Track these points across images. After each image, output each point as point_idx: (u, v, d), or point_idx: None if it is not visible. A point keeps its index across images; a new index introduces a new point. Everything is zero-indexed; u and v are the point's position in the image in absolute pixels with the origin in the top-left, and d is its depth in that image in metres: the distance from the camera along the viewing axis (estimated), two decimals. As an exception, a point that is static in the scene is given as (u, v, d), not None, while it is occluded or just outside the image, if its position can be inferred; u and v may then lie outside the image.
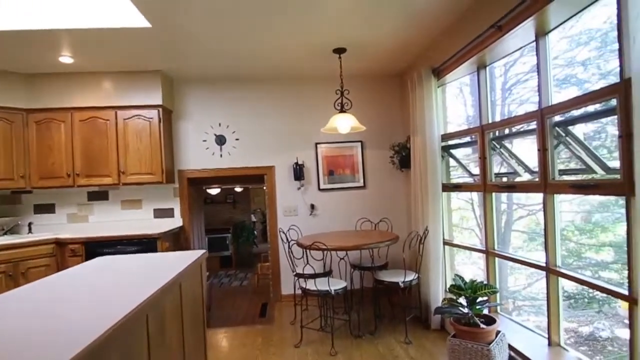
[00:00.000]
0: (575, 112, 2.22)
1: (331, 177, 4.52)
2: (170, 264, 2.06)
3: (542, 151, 2.35)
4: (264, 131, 4.49)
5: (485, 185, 2.95)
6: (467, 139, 3.50)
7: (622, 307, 4.39)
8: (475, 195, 5.10)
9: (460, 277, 2.41)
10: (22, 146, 3.90)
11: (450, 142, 3.57)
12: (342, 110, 3.52)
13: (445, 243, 3.41)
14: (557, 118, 2.30)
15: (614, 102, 1.78)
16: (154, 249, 3.67)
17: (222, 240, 11.25)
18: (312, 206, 4.47)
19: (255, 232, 11.81)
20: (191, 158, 4.41)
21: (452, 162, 3.72)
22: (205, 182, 4.60)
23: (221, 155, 4.44)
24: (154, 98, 4.02)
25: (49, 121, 3.95)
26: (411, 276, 3.18)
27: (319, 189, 4.50)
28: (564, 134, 2.29)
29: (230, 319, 6.30)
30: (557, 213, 2.37)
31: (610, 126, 3.32)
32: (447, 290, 3.51)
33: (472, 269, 5.43)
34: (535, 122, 2.42)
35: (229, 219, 11.52)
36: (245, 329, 3.79)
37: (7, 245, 3.46)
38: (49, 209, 4.29)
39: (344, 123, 3.42)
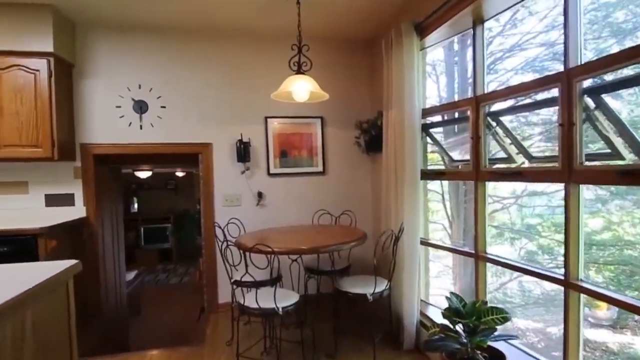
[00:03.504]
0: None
1: (284, 160, 3.71)
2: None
3: (568, 126, 1.73)
4: (199, 99, 3.54)
5: (478, 172, 2.32)
6: (446, 116, 2.87)
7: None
8: (445, 185, 4.57)
9: (456, 295, 1.74)
10: None
11: (429, 120, 2.91)
12: (299, 72, 2.70)
13: (422, 243, 2.76)
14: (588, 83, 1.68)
15: None
16: (32, 250, 2.64)
17: (162, 231, 10.03)
18: (260, 194, 3.63)
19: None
20: (99, 129, 3.36)
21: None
22: (120, 160, 3.59)
23: (141, 127, 3.44)
24: (42, 43, 2.92)
25: None
26: (382, 285, 2.49)
27: (269, 173, 3.67)
28: (595, 106, 1.68)
29: (157, 333, 5.33)
30: (582, 209, 1.77)
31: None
32: (426, 301, 2.89)
33: (436, 266, 4.94)
34: (557, 89, 1.79)
35: (170, 208, 10.29)
36: (167, 353, 2.90)
37: None
38: None
39: (302, 87, 2.61)
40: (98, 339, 3.35)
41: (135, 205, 10.11)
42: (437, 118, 3.01)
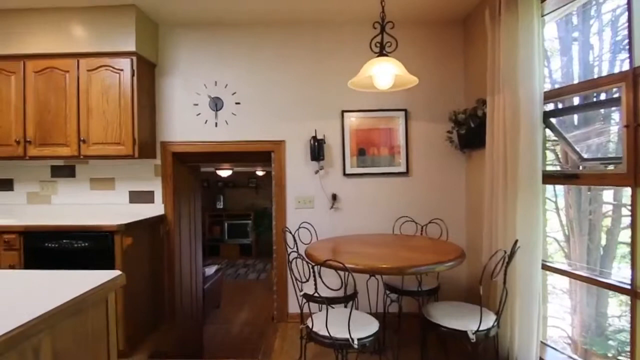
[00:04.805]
0: None
1: (361, 159, 3.30)
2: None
3: None
4: (273, 93, 3.33)
5: (638, 175, 1.64)
6: (561, 104, 2.17)
7: None
8: (559, 190, 3.70)
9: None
10: (-36, 103, 2.99)
11: (548, 108, 2.24)
12: (381, 54, 2.28)
13: (544, 267, 2.12)
14: None
15: None
16: (109, 246, 2.66)
17: (243, 227, 10.41)
18: (334, 197, 3.29)
19: (278, 221, 10.83)
20: (177, 127, 3.34)
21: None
22: (195, 158, 3.55)
23: (216, 124, 3.34)
24: (125, 43, 2.95)
25: (-3, 72, 3.00)
26: (488, 321, 1.93)
27: (344, 173, 3.30)
28: None
29: (233, 328, 5.36)
30: None
31: None
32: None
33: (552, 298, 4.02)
34: None
35: (251, 205, 10.64)
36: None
37: None
38: (6, 185, 3.40)
39: (385, 71, 2.18)
40: (172, 338, 3.33)
41: (221, 202, 10.62)
42: (549, 107, 2.32)
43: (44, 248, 2.69)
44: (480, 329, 1.85)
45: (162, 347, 3.07)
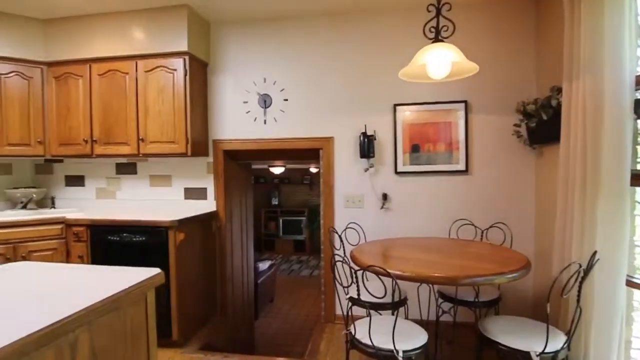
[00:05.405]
0: None
1: (415, 156, 3.09)
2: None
3: None
4: (321, 88, 3.24)
5: None
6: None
7: None
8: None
9: None
10: (40, 106, 3.30)
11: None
12: (436, 39, 2.07)
13: (629, 283, 1.79)
14: None
15: None
16: (164, 241, 2.76)
17: (297, 224, 10.54)
18: (385, 196, 3.11)
19: (331, 218, 10.79)
20: (228, 125, 3.39)
21: None
22: (245, 156, 3.58)
23: (265, 122, 3.33)
24: (178, 43, 3.05)
25: (67, 76, 3.27)
26: (557, 342, 1.67)
27: (396, 172, 3.11)
28: None
29: (285, 324, 5.41)
30: None
31: None
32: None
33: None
34: None
35: (305, 201, 10.73)
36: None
37: (5, 223, 2.87)
38: (78, 181, 3.72)
39: (440, 58, 1.98)
40: (223, 331, 3.41)
41: (276, 199, 10.83)
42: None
43: (107, 241, 2.88)
44: (546, 350, 1.59)
45: (213, 340, 3.15)
